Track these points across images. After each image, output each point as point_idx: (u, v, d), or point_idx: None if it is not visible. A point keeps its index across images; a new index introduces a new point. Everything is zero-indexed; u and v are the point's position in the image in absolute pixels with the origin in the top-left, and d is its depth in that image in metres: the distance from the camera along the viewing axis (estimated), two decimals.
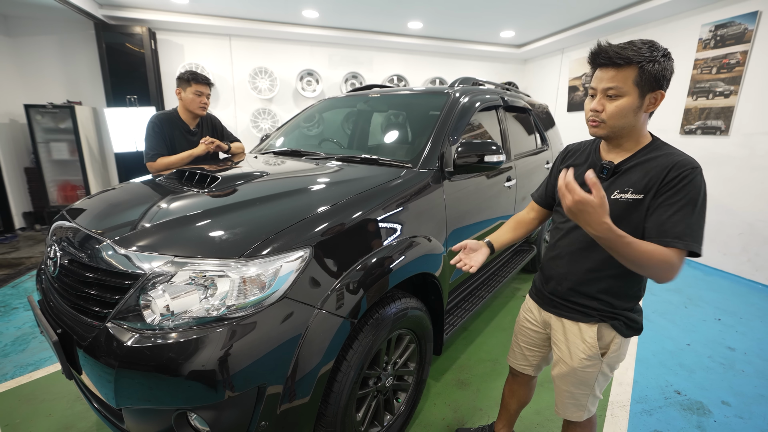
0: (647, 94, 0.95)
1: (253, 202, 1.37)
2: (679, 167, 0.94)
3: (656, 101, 0.97)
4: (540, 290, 1.27)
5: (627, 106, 0.96)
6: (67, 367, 1.19)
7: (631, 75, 0.93)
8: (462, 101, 2.08)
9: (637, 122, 1.00)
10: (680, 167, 0.94)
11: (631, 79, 0.94)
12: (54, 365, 2.17)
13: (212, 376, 0.96)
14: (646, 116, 1.01)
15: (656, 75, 0.93)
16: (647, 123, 1.04)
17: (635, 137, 1.03)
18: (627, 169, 1.03)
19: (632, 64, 0.93)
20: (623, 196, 1.01)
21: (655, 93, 0.95)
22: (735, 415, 1.89)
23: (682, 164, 0.94)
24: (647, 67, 0.92)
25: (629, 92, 0.95)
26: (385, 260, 1.33)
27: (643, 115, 0.99)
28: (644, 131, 1.04)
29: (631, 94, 0.95)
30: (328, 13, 4.76)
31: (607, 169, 1.05)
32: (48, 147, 4.75)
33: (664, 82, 0.95)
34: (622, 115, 0.97)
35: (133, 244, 1.13)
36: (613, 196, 1.02)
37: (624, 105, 0.96)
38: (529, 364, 1.39)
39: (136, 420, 1.07)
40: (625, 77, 0.94)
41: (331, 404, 1.20)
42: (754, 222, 3.58)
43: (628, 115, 0.97)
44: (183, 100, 2.34)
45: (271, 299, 1.05)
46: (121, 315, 1.04)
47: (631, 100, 0.95)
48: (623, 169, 1.03)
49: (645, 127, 1.04)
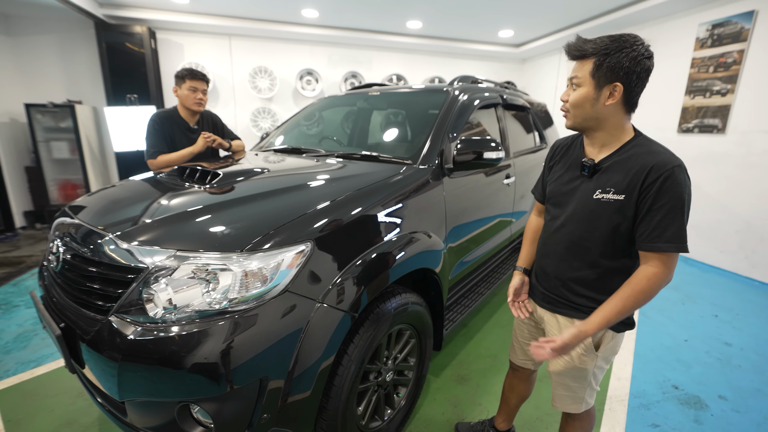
0: (604, 86, 0.98)
1: (254, 197, 1.38)
2: (659, 169, 0.95)
3: (615, 94, 0.97)
4: (534, 286, 1.29)
5: (582, 96, 1.01)
6: (70, 362, 1.20)
7: (588, 67, 0.99)
8: (461, 99, 2.09)
9: (598, 114, 1.01)
10: (659, 169, 0.95)
11: (588, 70, 0.99)
12: (56, 362, 2.18)
13: (215, 368, 0.98)
14: (616, 110, 1.00)
15: (612, 67, 0.95)
16: (625, 118, 1.03)
17: (612, 132, 1.04)
18: (607, 167, 1.04)
19: (590, 57, 0.98)
20: (605, 196, 1.02)
21: (612, 85, 0.97)
22: (732, 409, 1.91)
23: (661, 165, 0.95)
24: (602, 60, 0.96)
25: (585, 83, 1.00)
26: (385, 255, 1.35)
27: (604, 108, 1.00)
28: (624, 126, 1.04)
29: (588, 85, 1.00)
30: (328, 13, 4.77)
31: (587, 166, 1.07)
32: (48, 146, 4.76)
33: (621, 75, 0.95)
34: (578, 105, 1.02)
35: (135, 238, 1.14)
36: (594, 196, 1.04)
37: (580, 95, 1.01)
38: (529, 358, 1.41)
39: (139, 413, 1.08)
40: (584, 68, 1.00)
41: (333, 398, 1.22)
42: (751, 220, 3.60)
43: (585, 106, 1.01)
44: (179, 96, 2.35)
45: (272, 293, 1.06)
46: (123, 309, 1.05)
47: (587, 91, 1.00)
48: (603, 167, 1.05)
49: (623, 121, 1.03)
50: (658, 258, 0.97)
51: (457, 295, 2.14)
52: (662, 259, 0.97)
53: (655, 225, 0.96)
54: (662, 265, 0.97)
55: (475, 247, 2.16)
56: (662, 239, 0.95)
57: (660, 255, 0.97)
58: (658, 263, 0.97)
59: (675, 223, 0.94)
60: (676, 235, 0.94)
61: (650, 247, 0.97)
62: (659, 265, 0.97)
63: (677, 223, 0.94)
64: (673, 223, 0.94)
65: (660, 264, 0.97)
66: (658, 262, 0.97)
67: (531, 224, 1.42)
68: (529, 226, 1.43)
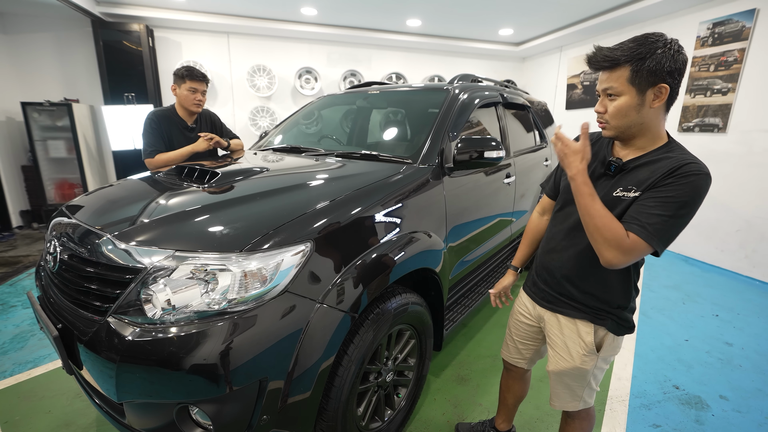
0: (647, 90, 0.93)
1: (253, 197, 1.37)
2: (687, 168, 0.91)
3: (661, 95, 0.94)
4: (535, 283, 1.27)
5: (625, 104, 0.96)
6: (67, 363, 1.19)
7: (624, 74, 0.94)
8: (461, 97, 2.08)
9: (644, 119, 0.97)
10: (688, 168, 0.91)
11: (625, 77, 0.94)
12: (53, 362, 2.16)
13: (214, 369, 0.96)
14: (658, 112, 0.97)
15: (652, 70, 0.91)
16: (663, 120, 1.00)
17: (649, 136, 1.01)
18: (635, 167, 1.01)
19: (623, 64, 0.94)
20: (625, 194, 0.99)
21: (657, 87, 0.93)
22: (733, 409, 1.90)
23: (690, 166, 0.91)
24: (639, 65, 0.92)
25: (625, 91, 0.95)
26: (385, 255, 1.33)
27: (650, 111, 0.96)
28: (660, 130, 1.01)
29: (628, 93, 0.95)
30: (327, 11, 4.75)
31: (615, 165, 1.04)
32: (45, 145, 4.73)
33: (665, 75, 0.91)
34: (622, 114, 0.97)
35: (133, 238, 1.13)
36: (615, 194, 1.01)
37: (622, 104, 0.96)
38: (523, 357, 1.40)
39: (138, 414, 1.07)
40: (619, 77, 0.95)
41: (332, 399, 1.20)
42: (752, 219, 3.60)
43: (630, 114, 0.97)
44: (178, 96, 2.33)
45: (272, 293, 1.05)
46: (122, 309, 1.04)
47: (629, 99, 0.95)
48: (630, 167, 1.02)
49: (660, 125, 1.00)
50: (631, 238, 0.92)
51: (458, 295, 2.13)
52: (632, 242, 0.91)
53: (643, 208, 0.93)
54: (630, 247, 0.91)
55: (475, 246, 2.15)
56: (639, 222, 0.92)
57: (632, 237, 0.92)
58: (629, 243, 0.92)
59: (661, 214, 0.90)
60: (656, 227, 0.90)
61: (626, 226, 0.94)
62: (628, 246, 0.91)
63: (663, 215, 0.90)
64: (659, 213, 0.91)
65: (631, 244, 0.91)
66: (629, 244, 0.92)
67: (532, 224, 1.39)
68: (530, 226, 1.40)
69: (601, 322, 1.12)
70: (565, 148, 1.01)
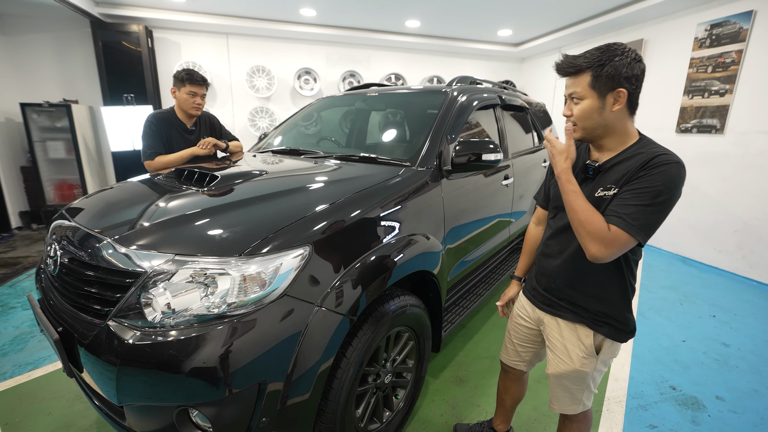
0: (606, 94, 1.01)
1: (252, 200, 1.37)
2: (657, 159, 0.96)
3: (620, 99, 1.00)
4: (535, 287, 1.30)
5: (588, 107, 1.04)
6: (68, 366, 1.19)
7: (586, 80, 1.02)
8: (460, 100, 2.09)
9: (606, 121, 1.04)
10: (657, 159, 0.96)
11: (587, 83, 1.02)
12: (53, 364, 2.17)
13: (213, 373, 0.97)
14: (621, 115, 1.04)
15: (610, 75, 0.99)
16: (629, 121, 1.06)
17: (617, 136, 1.07)
18: (611, 167, 1.06)
19: (585, 70, 1.02)
20: (606, 193, 1.04)
21: (616, 92, 1.00)
22: (729, 409, 1.92)
23: (660, 158, 0.97)
24: (598, 70, 1.00)
25: (587, 95, 1.03)
26: (384, 258, 1.34)
27: (612, 114, 1.03)
28: (628, 130, 1.07)
29: (590, 97, 1.03)
30: (326, 12, 4.76)
31: (592, 168, 1.10)
32: (44, 146, 4.73)
33: (622, 80, 0.99)
34: (586, 117, 1.05)
35: (133, 242, 1.14)
36: (596, 194, 1.06)
37: (585, 107, 1.04)
38: (522, 360, 1.42)
39: (138, 417, 1.08)
40: (581, 82, 1.03)
41: (331, 401, 1.21)
42: (749, 220, 3.61)
43: (593, 116, 1.04)
44: (177, 99, 2.34)
45: (271, 297, 1.06)
46: (122, 313, 1.05)
47: (591, 102, 1.03)
48: (607, 168, 1.07)
49: (626, 126, 1.06)
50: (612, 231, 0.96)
51: (456, 297, 2.14)
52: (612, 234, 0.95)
53: (620, 201, 0.98)
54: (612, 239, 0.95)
55: (473, 248, 2.16)
56: (617, 214, 0.97)
57: (613, 229, 0.95)
58: (610, 235, 0.95)
59: (638, 204, 0.95)
60: (633, 217, 0.94)
61: (607, 219, 0.98)
62: (609, 238, 0.95)
63: (639, 205, 0.94)
64: (636, 204, 0.95)
65: (612, 236, 0.95)
66: (611, 236, 0.95)
67: (530, 234, 1.45)
68: (527, 236, 1.46)
69: (598, 328, 1.13)
70: (552, 148, 1.09)
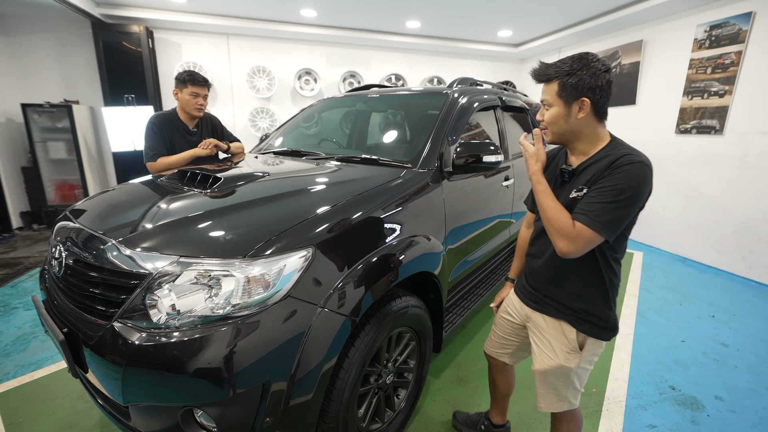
0: (572, 102, 1.07)
1: (255, 202, 1.39)
2: (620, 160, 1.02)
3: (584, 108, 1.06)
4: (524, 285, 1.35)
5: (556, 114, 1.11)
6: (73, 366, 1.20)
7: (554, 88, 1.10)
8: (460, 101, 2.10)
9: (573, 128, 1.10)
10: (621, 160, 1.01)
11: (555, 91, 1.09)
12: (56, 364, 2.18)
13: (218, 373, 0.98)
14: (588, 121, 1.09)
15: (574, 86, 1.05)
16: (599, 126, 1.12)
17: (588, 140, 1.12)
18: (583, 169, 1.12)
19: (553, 79, 1.09)
20: (578, 194, 1.10)
21: (580, 101, 1.06)
22: (728, 409, 1.93)
23: (624, 158, 1.01)
24: (564, 80, 1.07)
25: (555, 103, 1.10)
26: (386, 260, 1.36)
27: (578, 120, 1.08)
28: (599, 134, 1.12)
29: (557, 104, 1.10)
30: (327, 12, 4.77)
31: (567, 172, 1.16)
32: (45, 146, 4.74)
33: (586, 90, 1.05)
34: (554, 122, 1.12)
35: (138, 244, 1.15)
36: (571, 196, 1.12)
37: (553, 114, 1.12)
38: (504, 351, 1.47)
39: (143, 417, 1.09)
40: (551, 90, 1.11)
41: (334, 401, 1.22)
42: (748, 220, 3.63)
43: (560, 122, 1.11)
44: (179, 100, 2.34)
45: (275, 298, 1.07)
46: (127, 314, 1.06)
47: (558, 109, 1.10)
48: (580, 171, 1.13)
49: (597, 130, 1.12)
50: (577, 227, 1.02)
51: (457, 297, 2.15)
52: (577, 230, 1.01)
53: (586, 200, 1.04)
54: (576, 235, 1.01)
55: (474, 248, 2.17)
56: (582, 211, 1.02)
57: (578, 225, 1.02)
58: (575, 231, 1.02)
59: (601, 202, 1.00)
60: (597, 213, 1.00)
61: (574, 216, 1.04)
62: (574, 234, 1.02)
63: (602, 202, 1.00)
64: (599, 201, 1.00)
65: (576, 232, 1.01)
66: (575, 232, 1.02)
67: (521, 237, 1.50)
68: (519, 239, 1.51)
69: (579, 326, 1.18)
70: (524, 152, 1.20)
